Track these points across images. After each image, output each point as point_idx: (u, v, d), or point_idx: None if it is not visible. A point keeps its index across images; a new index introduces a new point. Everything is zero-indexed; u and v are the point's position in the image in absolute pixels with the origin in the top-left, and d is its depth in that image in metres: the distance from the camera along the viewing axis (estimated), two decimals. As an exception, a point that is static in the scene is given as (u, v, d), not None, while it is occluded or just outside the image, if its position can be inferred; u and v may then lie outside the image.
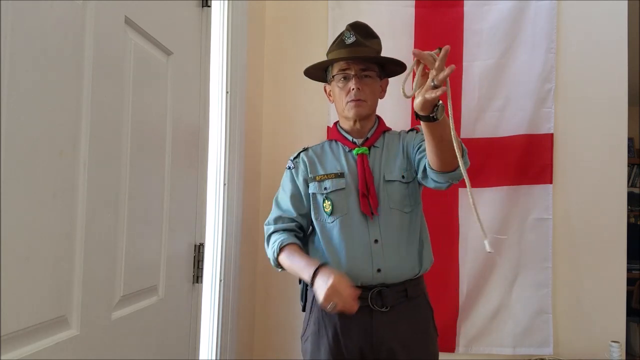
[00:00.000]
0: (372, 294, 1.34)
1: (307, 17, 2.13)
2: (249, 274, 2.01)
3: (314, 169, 1.45)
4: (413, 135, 1.44)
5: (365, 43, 1.40)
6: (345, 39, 1.39)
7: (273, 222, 1.45)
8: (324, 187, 1.41)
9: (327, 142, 1.52)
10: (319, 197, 1.42)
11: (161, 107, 1.24)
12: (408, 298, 1.37)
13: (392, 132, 1.50)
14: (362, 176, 1.38)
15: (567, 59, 1.98)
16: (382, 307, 1.34)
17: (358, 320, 1.34)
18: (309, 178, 1.44)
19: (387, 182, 1.39)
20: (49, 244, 0.82)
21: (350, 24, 1.42)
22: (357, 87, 1.38)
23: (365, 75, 1.40)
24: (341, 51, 1.40)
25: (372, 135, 1.45)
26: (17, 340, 0.76)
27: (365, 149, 1.42)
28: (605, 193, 1.94)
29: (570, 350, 1.93)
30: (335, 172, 1.42)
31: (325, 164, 1.45)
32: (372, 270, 1.34)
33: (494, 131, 2.00)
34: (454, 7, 2.04)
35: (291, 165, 1.49)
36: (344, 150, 1.46)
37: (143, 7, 1.12)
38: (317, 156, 1.48)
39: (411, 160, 1.41)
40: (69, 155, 0.87)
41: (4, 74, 0.71)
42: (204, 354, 1.60)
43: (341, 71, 1.40)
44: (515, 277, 1.97)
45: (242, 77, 1.79)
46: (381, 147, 1.45)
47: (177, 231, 1.33)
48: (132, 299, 1.10)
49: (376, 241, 1.35)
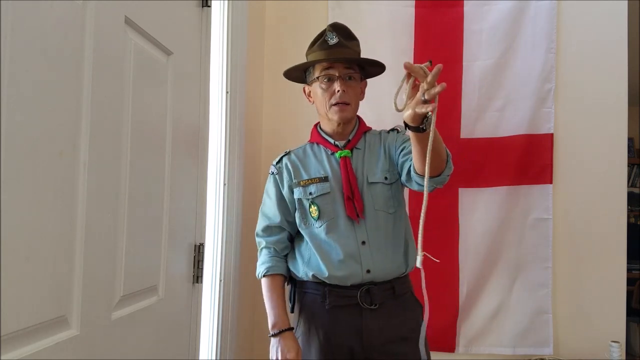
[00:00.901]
0: (361, 292, 1.35)
1: (307, 17, 2.13)
2: (249, 274, 2.01)
3: (297, 173, 1.45)
4: (394, 137, 1.44)
5: (347, 44, 1.39)
6: (327, 39, 1.38)
7: (262, 233, 1.47)
8: (309, 192, 1.41)
9: (308, 145, 1.51)
10: (305, 203, 1.42)
11: (161, 107, 1.24)
12: (395, 295, 1.38)
13: (373, 132, 1.50)
14: (346, 179, 1.38)
15: (567, 59, 1.98)
16: (371, 304, 1.35)
17: (348, 319, 1.36)
18: (293, 183, 1.44)
19: (370, 184, 1.39)
20: (49, 244, 0.82)
21: (331, 25, 1.41)
22: (342, 89, 1.36)
23: (349, 77, 1.39)
24: (325, 52, 1.38)
25: (353, 137, 1.45)
26: (17, 340, 0.76)
27: (347, 151, 1.41)
28: (605, 193, 1.94)
29: (570, 350, 1.93)
30: (319, 176, 1.42)
31: (308, 168, 1.45)
32: (362, 272, 1.35)
33: (494, 131, 2.00)
34: (454, 7, 2.04)
35: (274, 171, 1.49)
36: (326, 153, 1.45)
37: (143, 7, 1.12)
38: (299, 160, 1.47)
39: (393, 162, 1.41)
40: (69, 156, 0.87)
41: (4, 74, 0.71)
42: (204, 354, 1.60)
43: (325, 72, 1.39)
44: (515, 277, 1.97)
45: (242, 77, 1.79)
46: (363, 149, 1.44)
47: (177, 231, 1.33)
48: (132, 299, 1.10)
49: (363, 243, 1.36)
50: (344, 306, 1.36)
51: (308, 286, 1.42)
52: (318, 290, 1.39)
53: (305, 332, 1.40)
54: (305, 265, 1.41)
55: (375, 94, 1.57)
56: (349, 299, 1.35)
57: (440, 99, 1.01)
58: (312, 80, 1.43)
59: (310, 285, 1.41)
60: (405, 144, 1.37)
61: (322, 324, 1.38)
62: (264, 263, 1.45)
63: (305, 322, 1.41)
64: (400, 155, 1.37)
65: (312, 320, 1.40)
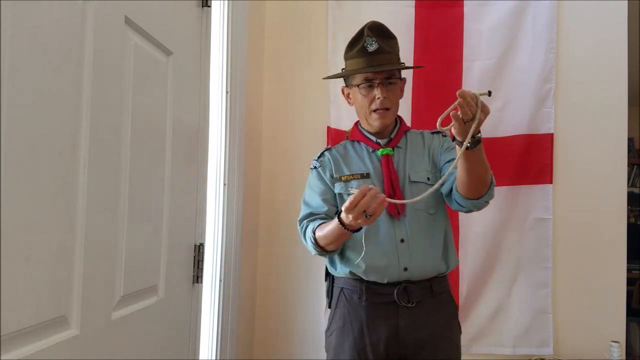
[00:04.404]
0: (398, 290, 1.35)
1: (307, 17, 2.13)
2: (249, 274, 2.01)
3: (338, 168, 1.45)
4: (440, 141, 1.44)
5: (387, 49, 1.38)
6: (367, 45, 1.36)
7: (305, 219, 1.44)
8: (350, 187, 1.40)
9: (348, 143, 1.51)
10: (345, 197, 1.40)
11: (161, 107, 1.23)
12: (433, 294, 1.38)
13: (414, 132, 1.50)
14: (387, 177, 1.39)
15: (567, 59, 1.98)
16: (408, 302, 1.35)
17: (384, 316, 1.36)
18: (335, 178, 1.44)
19: (412, 182, 1.39)
20: (49, 244, 0.82)
21: (369, 27, 1.39)
22: (383, 96, 1.37)
23: (389, 83, 1.39)
24: (364, 60, 1.37)
25: (395, 136, 1.45)
26: (17, 340, 0.76)
27: (389, 149, 1.42)
28: (605, 193, 1.94)
29: (570, 350, 1.93)
30: (360, 172, 1.42)
31: (350, 164, 1.45)
32: (399, 269, 1.35)
33: (494, 131, 2.00)
34: (454, 7, 2.04)
35: (317, 165, 1.48)
36: (367, 150, 1.45)
37: (143, 7, 1.12)
38: (341, 156, 1.47)
39: (437, 166, 1.41)
40: (69, 156, 0.87)
41: (4, 74, 0.71)
42: (204, 354, 1.60)
43: (366, 80, 1.39)
44: (515, 277, 1.97)
45: (242, 77, 1.79)
46: (404, 147, 1.45)
47: (177, 231, 1.33)
48: (132, 299, 1.10)
49: (402, 241, 1.36)
50: (380, 303, 1.37)
51: (345, 282, 1.42)
52: (355, 286, 1.40)
53: (340, 328, 1.41)
54: (342, 262, 1.41)
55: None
56: (386, 296, 1.36)
57: (440, 99, 1.02)
58: (351, 85, 1.44)
59: (348, 282, 1.42)
60: (450, 155, 1.38)
61: (358, 320, 1.38)
62: (309, 229, 1.38)
63: (340, 318, 1.42)
64: (445, 167, 1.37)
65: (347, 316, 1.40)
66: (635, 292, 3.32)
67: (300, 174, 2.10)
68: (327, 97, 2.06)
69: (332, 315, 1.46)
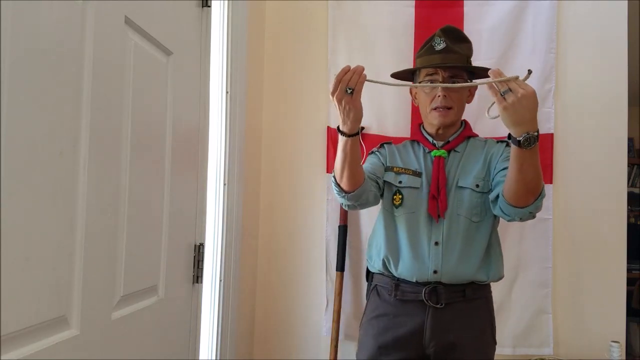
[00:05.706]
0: (426, 290, 1.35)
1: (307, 17, 2.13)
2: (249, 274, 2.01)
3: (393, 160, 1.48)
4: (500, 148, 1.43)
5: (455, 49, 1.39)
6: (434, 44, 1.39)
7: None
8: (399, 180, 1.43)
9: (409, 142, 1.55)
10: (392, 187, 1.44)
11: (161, 107, 1.24)
12: (466, 299, 1.37)
13: (478, 139, 1.50)
14: (435, 178, 1.39)
15: (567, 59, 1.98)
16: (437, 303, 1.35)
17: (411, 314, 1.37)
18: (388, 167, 1.47)
19: (459, 187, 1.39)
20: (49, 244, 0.82)
21: (441, 29, 1.42)
22: (443, 94, 1.38)
23: (454, 82, 1.39)
24: (430, 57, 1.40)
25: (453, 140, 1.45)
26: (17, 340, 0.76)
27: (444, 151, 1.42)
28: (605, 193, 1.94)
29: (570, 350, 1.93)
30: (413, 169, 1.44)
31: (405, 159, 1.48)
32: (429, 271, 1.36)
33: (494, 131, 1.99)
34: (454, 7, 2.04)
35: (375, 149, 1.54)
36: (423, 151, 1.47)
37: (143, 7, 1.12)
38: (398, 151, 1.51)
39: (490, 173, 1.39)
40: (69, 156, 0.87)
41: (4, 74, 0.71)
42: (204, 354, 1.60)
43: (428, 77, 1.41)
44: (515, 277, 1.97)
45: (242, 77, 1.79)
46: (462, 152, 1.45)
47: (177, 231, 1.33)
48: (132, 299, 1.10)
49: (437, 243, 1.36)
50: (408, 301, 1.38)
51: (379, 279, 1.46)
52: (387, 283, 1.42)
53: (368, 321, 1.45)
54: (377, 257, 1.44)
55: (376, 94, 1.57)
56: (414, 294, 1.37)
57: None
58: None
59: (381, 279, 1.45)
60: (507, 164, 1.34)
61: (385, 315, 1.40)
62: None
63: (370, 311, 1.46)
64: (499, 174, 1.35)
65: (376, 310, 1.43)
66: (635, 292, 3.32)
67: (301, 174, 2.10)
68: (327, 97, 2.06)
69: (364, 310, 1.50)
